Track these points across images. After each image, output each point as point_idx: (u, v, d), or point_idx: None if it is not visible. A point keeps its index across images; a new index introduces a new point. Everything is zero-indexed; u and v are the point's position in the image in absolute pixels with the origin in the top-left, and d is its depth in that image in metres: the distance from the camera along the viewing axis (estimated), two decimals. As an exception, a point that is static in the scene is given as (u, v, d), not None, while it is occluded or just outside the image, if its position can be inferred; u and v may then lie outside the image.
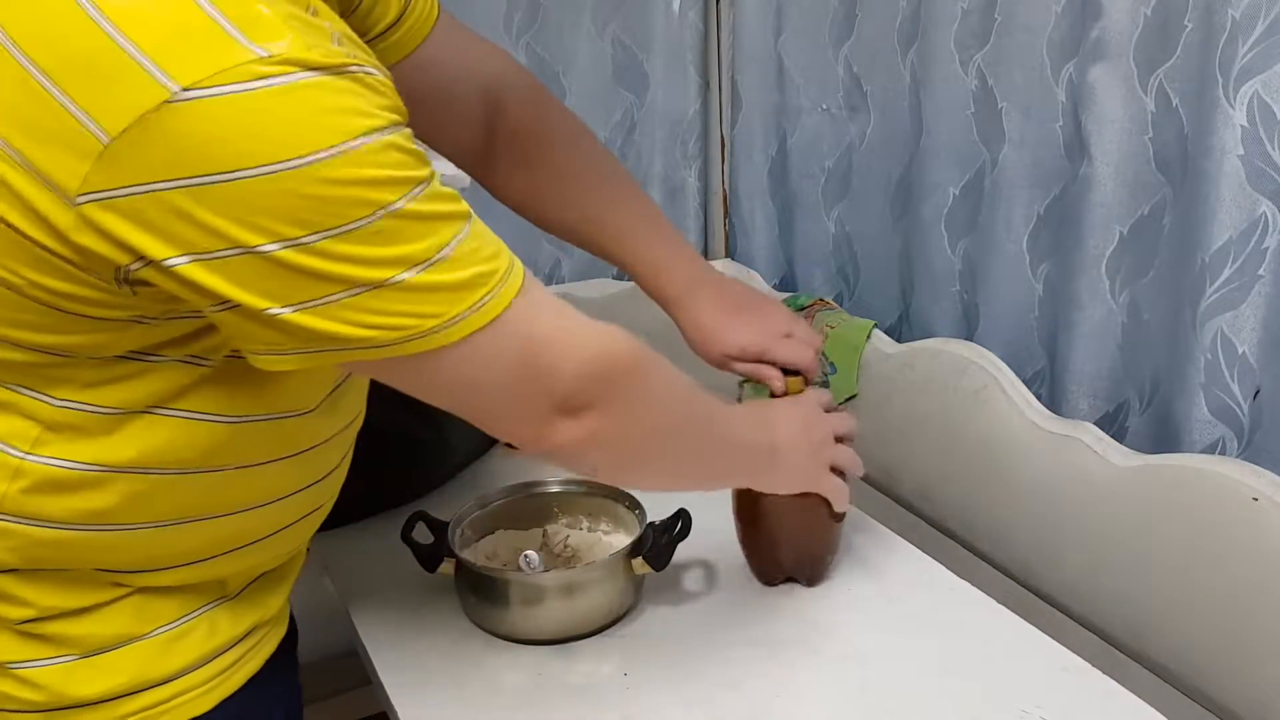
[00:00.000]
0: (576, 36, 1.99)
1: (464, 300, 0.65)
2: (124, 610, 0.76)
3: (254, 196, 0.58)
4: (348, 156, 0.59)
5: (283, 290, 0.61)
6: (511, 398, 0.72)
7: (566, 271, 2.14)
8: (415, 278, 0.63)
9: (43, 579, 0.73)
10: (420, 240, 0.63)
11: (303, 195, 0.58)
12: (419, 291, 0.63)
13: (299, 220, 0.59)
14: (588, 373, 0.74)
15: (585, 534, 1.17)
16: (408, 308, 0.63)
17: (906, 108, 1.71)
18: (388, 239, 0.61)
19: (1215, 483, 1.17)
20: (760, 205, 2.10)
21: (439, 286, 0.64)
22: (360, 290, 0.61)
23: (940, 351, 1.59)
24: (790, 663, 1.00)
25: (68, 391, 0.69)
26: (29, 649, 0.74)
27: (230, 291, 0.61)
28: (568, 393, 0.73)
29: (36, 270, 0.62)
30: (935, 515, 1.53)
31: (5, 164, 0.60)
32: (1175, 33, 1.26)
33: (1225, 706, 1.13)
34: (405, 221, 0.62)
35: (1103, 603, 1.27)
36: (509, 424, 0.76)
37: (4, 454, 0.69)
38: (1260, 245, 1.21)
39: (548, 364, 0.72)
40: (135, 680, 0.76)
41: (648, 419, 0.81)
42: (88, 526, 0.72)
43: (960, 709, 0.93)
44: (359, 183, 0.60)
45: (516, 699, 0.97)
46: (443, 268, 0.64)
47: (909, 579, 1.15)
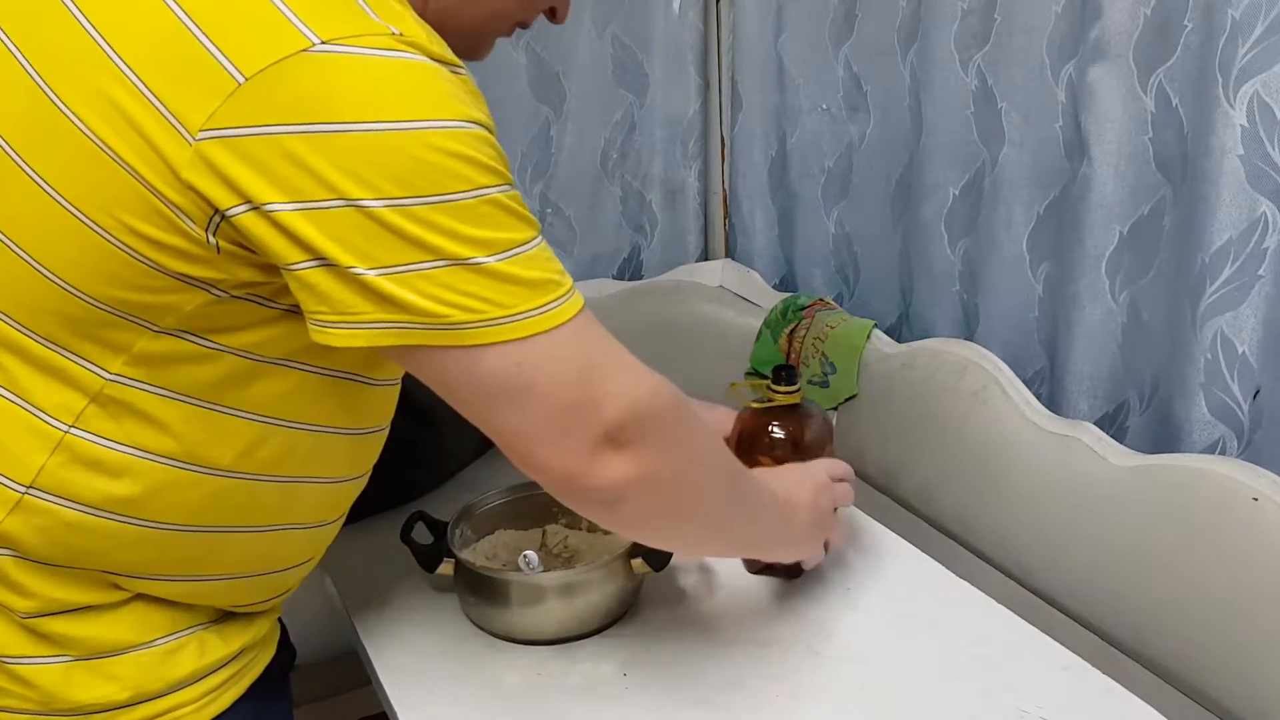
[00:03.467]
0: (576, 36, 1.99)
1: (534, 298, 0.67)
2: (124, 616, 0.76)
3: (368, 150, 0.62)
4: (456, 134, 0.64)
5: (373, 249, 0.63)
6: (559, 418, 0.69)
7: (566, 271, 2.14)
8: (494, 264, 0.65)
9: (54, 574, 0.73)
10: (505, 230, 0.66)
11: (412, 157, 0.62)
12: (495, 279, 0.65)
13: (403, 181, 0.62)
14: (641, 409, 0.72)
15: (585, 534, 1.17)
16: (482, 291, 0.65)
17: (906, 108, 1.71)
18: (477, 219, 0.64)
19: (1215, 483, 1.17)
20: (760, 205, 2.10)
21: (513, 279, 0.66)
22: (443, 263, 0.64)
23: (940, 351, 1.59)
24: (790, 663, 1.00)
25: (120, 364, 0.70)
26: (30, 644, 0.74)
27: (324, 244, 0.63)
28: (618, 424, 0.70)
29: (134, 212, 0.64)
30: (935, 515, 1.53)
31: (134, 100, 0.63)
32: (1175, 33, 1.26)
33: (1225, 706, 1.13)
34: (495, 209, 0.66)
35: (1103, 603, 1.26)
36: (550, 452, 0.71)
37: (48, 424, 0.70)
38: (1260, 245, 1.21)
39: (603, 390, 0.70)
40: (130, 690, 0.76)
41: (689, 466, 0.79)
42: (113, 515, 0.72)
43: (960, 709, 0.93)
44: (463, 159, 0.64)
45: (516, 699, 0.97)
46: (519, 262, 0.66)
47: (909, 579, 1.15)
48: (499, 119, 2.16)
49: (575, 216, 2.11)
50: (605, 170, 2.11)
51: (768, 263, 2.12)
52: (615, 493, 0.72)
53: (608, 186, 2.13)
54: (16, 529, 0.72)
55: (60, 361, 0.70)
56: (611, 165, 2.11)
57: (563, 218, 2.11)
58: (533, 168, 2.04)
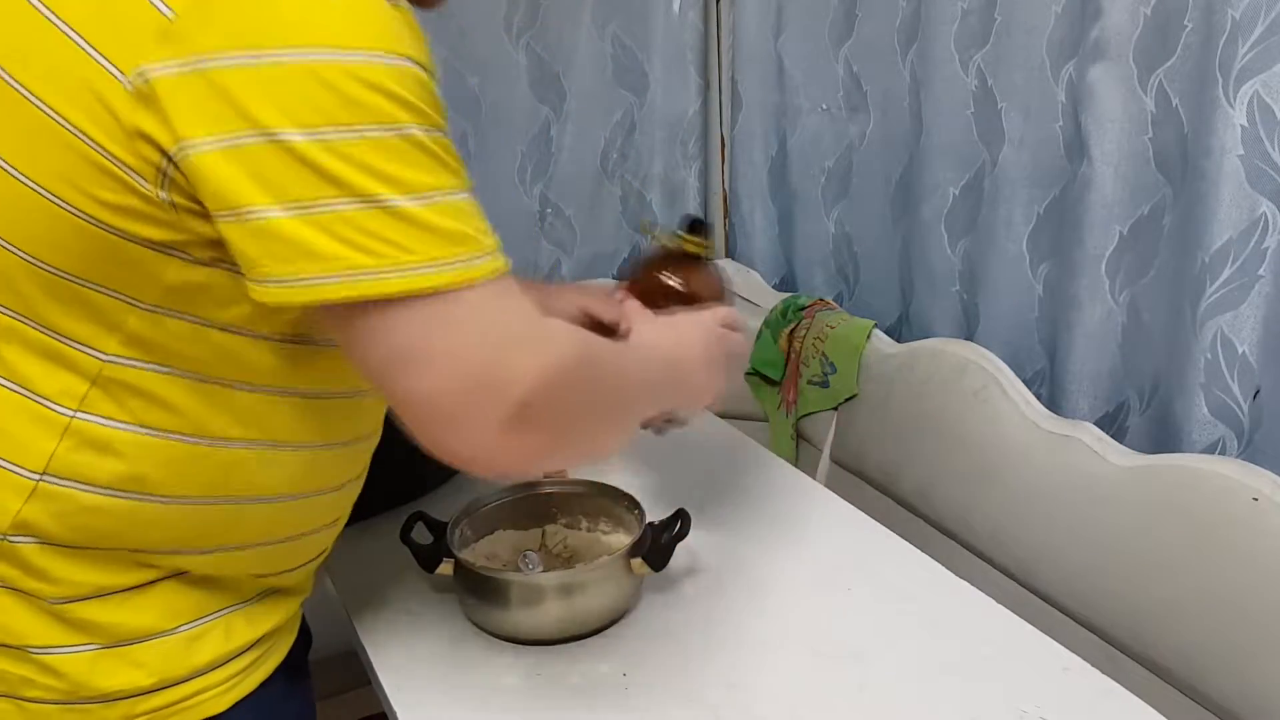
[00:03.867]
0: (576, 36, 1.99)
1: (450, 249, 0.64)
2: (151, 601, 0.76)
3: (292, 78, 0.60)
4: (385, 68, 0.62)
5: (288, 185, 0.61)
6: (467, 392, 0.65)
7: (566, 271, 2.14)
8: (410, 207, 0.63)
9: (80, 557, 0.74)
10: (424, 173, 0.64)
11: (335, 88, 0.61)
12: (410, 224, 0.63)
13: (324, 111, 0.61)
14: (552, 382, 0.68)
15: (585, 534, 1.17)
16: (396, 236, 0.63)
17: (906, 108, 1.71)
18: (396, 157, 0.63)
19: (1215, 483, 1.16)
20: (760, 205, 2.10)
21: (430, 226, 0.64)
22: (358, 203, 0.62)
23: (940, 351, 1.59)
24: (790, 663, 1.00)
25: (116, 345, 0.70)
26: (56, 633, 0.74)
27: (239, 184, 0.61)
28: (527, 401, 0.66)
29: (90, 180, 0.64)
30: (935, 515, 1.52)
31: (70, 52, 0.63)
32: (1175, 33, 1.26)
33: (1224, 706, 1.12)
34: (416, 149, 0.64)
35: (1103, 603, 1.26)
36: (455, 430, 0.66)
37: (53, 411, 0.71)
38: (1260, 245, 1.21)
39: (516, 364, 0.66)
40: (155, 677, 0.77)
41: (594, 416, 0.76)
42: (129, 494, 0.73)
43: (960, 709, 0.93)
44: (387, 94, 0.62)
45: (516, 699, 0.97)
46: (439, 210, 0.64)
47: (909, 579, 1.15)
48: (499, 119, 2.16)
49: (575, 216, 2.11)
50: (605, 170, 2.11)
51: (768, 262, 2.12)
52: (523, 466, 0.72)
53: (608, 186, 2.13)
54: (36, 516, 0.72)
55: (57, 347, 0.70)
56: (611, 165, 2.11)
57: (563, 218, 2.11)
58: (533, 168, 2.04)
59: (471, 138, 1.96)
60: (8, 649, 0.75)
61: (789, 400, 1.85)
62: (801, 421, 1.83)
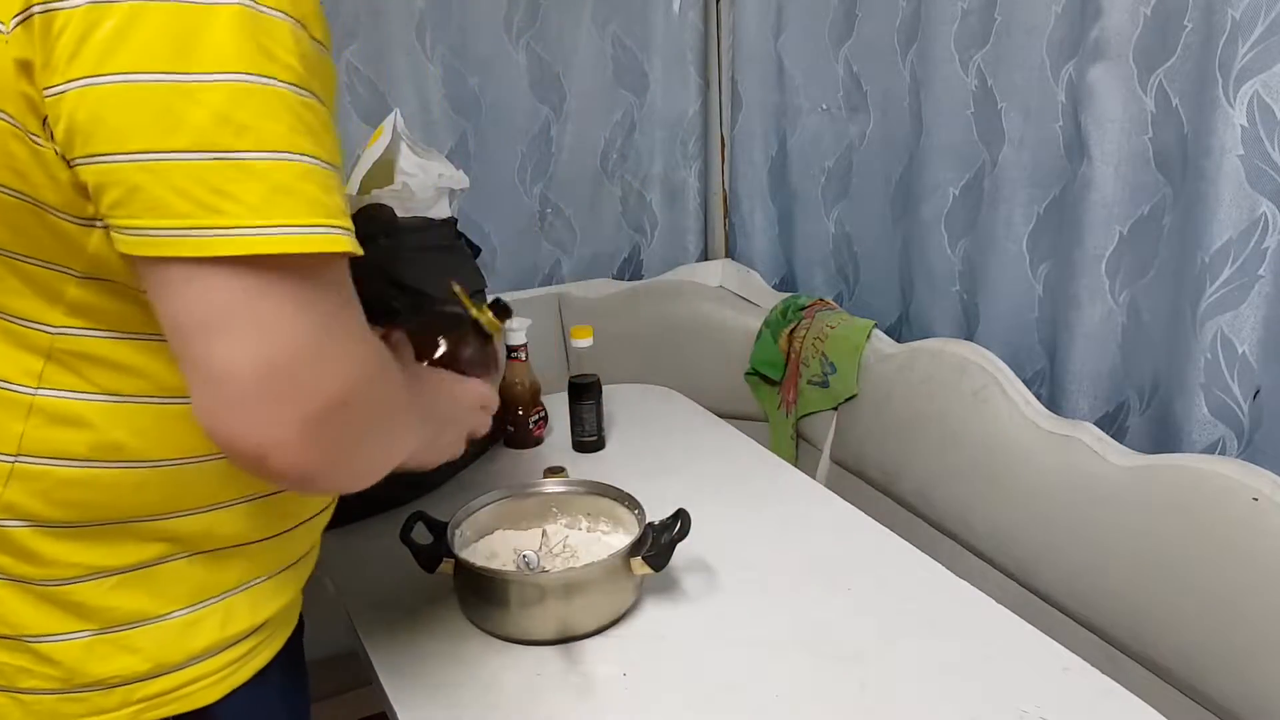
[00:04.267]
0: (576, 36, 1.99)
1: (294, 212, 0.60)
2: (146, 585, 0.76)
3: (156, 21, 0.58)
4: (256, 16, 0.59)
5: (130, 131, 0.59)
6: (273, 376, 0.61)
7: (566, 271, 2.14)
8: (260, 161, 0.59)
9: (71, 536, 0.73)
10: (285, 128, 0.60)
11: (196, 34, 0.58)
12: (258, 180, 0.59)
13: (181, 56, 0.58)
14: (357, 392, 0.65)
15: (585, 534, 1.17)
16: (239, 192, 0.59)
17: (906, 108, 1.71)
18: (255, 108, 0.59)
19: (1215, 483, 1.16)
20: (760, 205, 2.10)
21: (281, 186, 0.60)
22: (205, 154, 0.59)
23: (940, 351, 1.59)
24: (790, 663, 1.00)
25: (61, 316, 0.69)
26: (51, 620, 0.74)
27: (89, 128, 0.59)
28: (330, 406, 0.63)
29: (3, 149, 0.63)
30: (935, 515, 1.52)
31: None
32: (1175, 33, 1.26)
33: (1225, 706, 1.12)
34: (278, 103, 0.60)
35: (1103, 603, 1.26)
36: (248, 409, 0.61)
37: (14, 392, 0.70)
38: (1260, 245, 1.21)
39: (331, 360, 0.63)
40: (151, 662, 0.76)
41: (377, 443, 0.72)
42: (110, 463, 0.72)
43: (960, 709, 0.93)
44: (256, 45, 0.59)
45: (516, 699, 0.97)
46: (294, 171, 0.60)
47: (909, 579, 1.15)
48: (499, 119, 2.16)
49: (575, 216, 2.11)
50: (605, 170, 2.11)
51: (768, 262, 2.12)
52: (305, 476, 0.65)
53: (608, 186, 2.13)
54: (19, 498, 0.72)
55: (5, 326, 0.70)
56: (611, 165, 2.12)
57: (563, 218, 2.11)
58: (533, 168, 2.04)
59: (471, 138, 1.96)
60: (3, 639, 0.75)
61: (789, 400, 1.85)
62: (801, 421, 1.83)
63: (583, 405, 1.49)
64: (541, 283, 2.13)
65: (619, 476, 1.20)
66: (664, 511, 1.09)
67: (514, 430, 1.53)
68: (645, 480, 1.22)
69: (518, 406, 1.52)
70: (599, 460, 1.49)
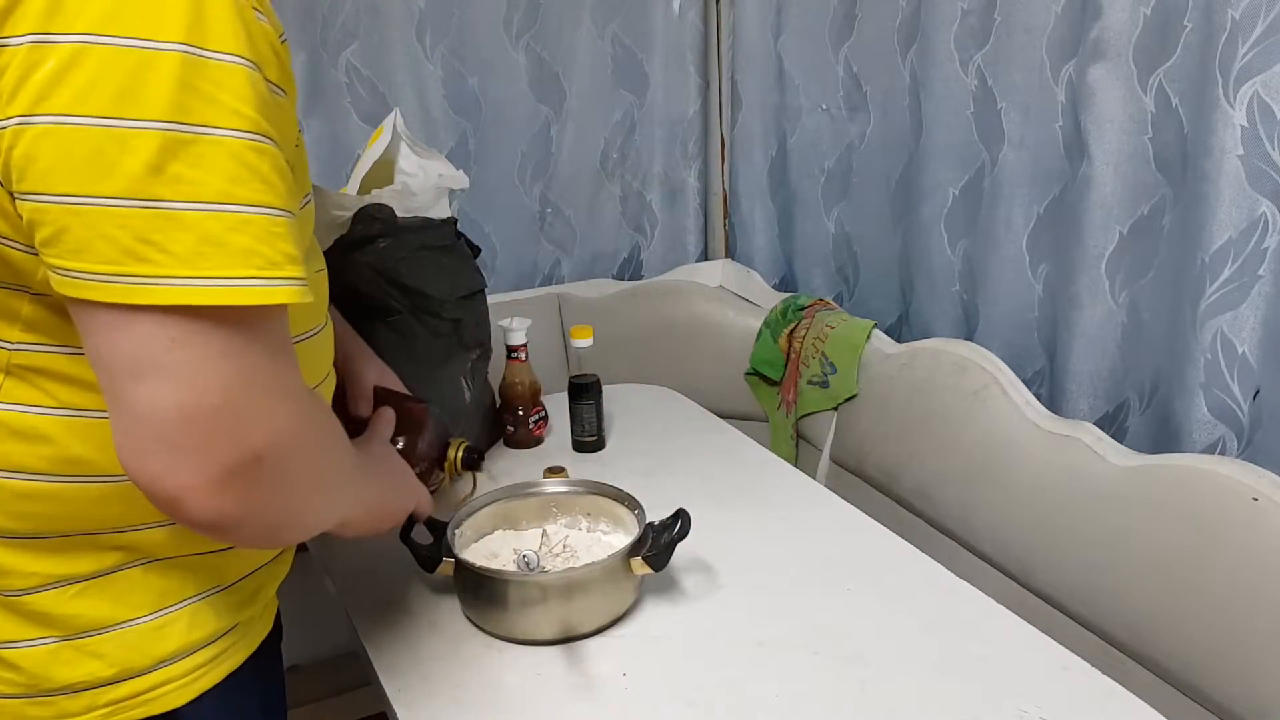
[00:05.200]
0: (576, 36, 1.99)
1: (229, 266, 0.59)
2: (110, 591, 0.76)
3: (96, 63, 0.58)
4: (205, 63, 0.59)
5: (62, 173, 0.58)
6: (192, 423, 0.61)
7: (566, 271, 2.14)
8: (191, 212, 0.59)
9: (33, 547, 0.73)
10: (222, 179, 0.60)
11: (138, 76, 0.58)
12: (187, 231, 0.59)
13: (120, 101, 0.58)
14: (281, 445, 0.64)
15: (585, 534, 1.17)
16: (166, 242, 0.58)
17: (906, 108, 1.71)
18: (192, 157, 0.59)
19: (1215, 483, 1.16)
20: (760, 205, 2.10)
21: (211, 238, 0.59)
22: (134, 202, 0.58)
23: (940, 351, 1.59)
24: (790, 663, 1.00)
25: (18, 332, 0.69)
26: (14, 628, 0.74)
27: (26, 165, 0.59)
28: (253, 457, 0.63)
29: None
30: (935, 515, 1.52)
31: None
32: (1175, 33, 1.26)
33: (1225, 706, 1.12)
34: (220, 153, 0.60)
35: (1103, 603, 1.26)
36: (166, 462, 0.61)
37: None
38: (1260, 245, 1.21)
39: (254, 410, 0.62)
40: (116, 668, 0.76)
41: (306, 500, 0.72)
42: (70, 478, 0.72)
43: (960, 709, 0.93)
44: (198, 92, 0.59)
45: (516, 699, 0.97)
46: (228, 222, 0.60)
47: (909, 579, 1.15)
48: (499, 119, 2.16)
49: (575, 216, 2.11)
50: (605, 170, 2.11)
51: (768, 262, 2.12)
52: (225, 525, 0.65)
53: (608, 186, 2.13)
54: None
55: None
56: (611, 165, 2.12)
57: (563, 218, 2.11)
58: (533, 168, 2.04)
59: (471, 138, 1.96)
60: None
61: (789, 400, 1.85)
62: (801, 421, 1.83)
63: (583, 405, 1.49)
64: (541, 283, 2.13)
65: (619, 476, 1.20)
66: (664, 511, 1.09)
67: (514, 430, 1.53)
68: (645, 480, 1.22)
69: (518, 406, 1.52)
70: (599, 460, 1.49)
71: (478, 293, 1.44)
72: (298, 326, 0.81)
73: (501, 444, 1.54)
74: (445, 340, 1.38)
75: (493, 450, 1.50)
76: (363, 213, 1.31)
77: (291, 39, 1.76)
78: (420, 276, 1.34)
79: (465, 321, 1.40)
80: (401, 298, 1.33)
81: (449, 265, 1.39)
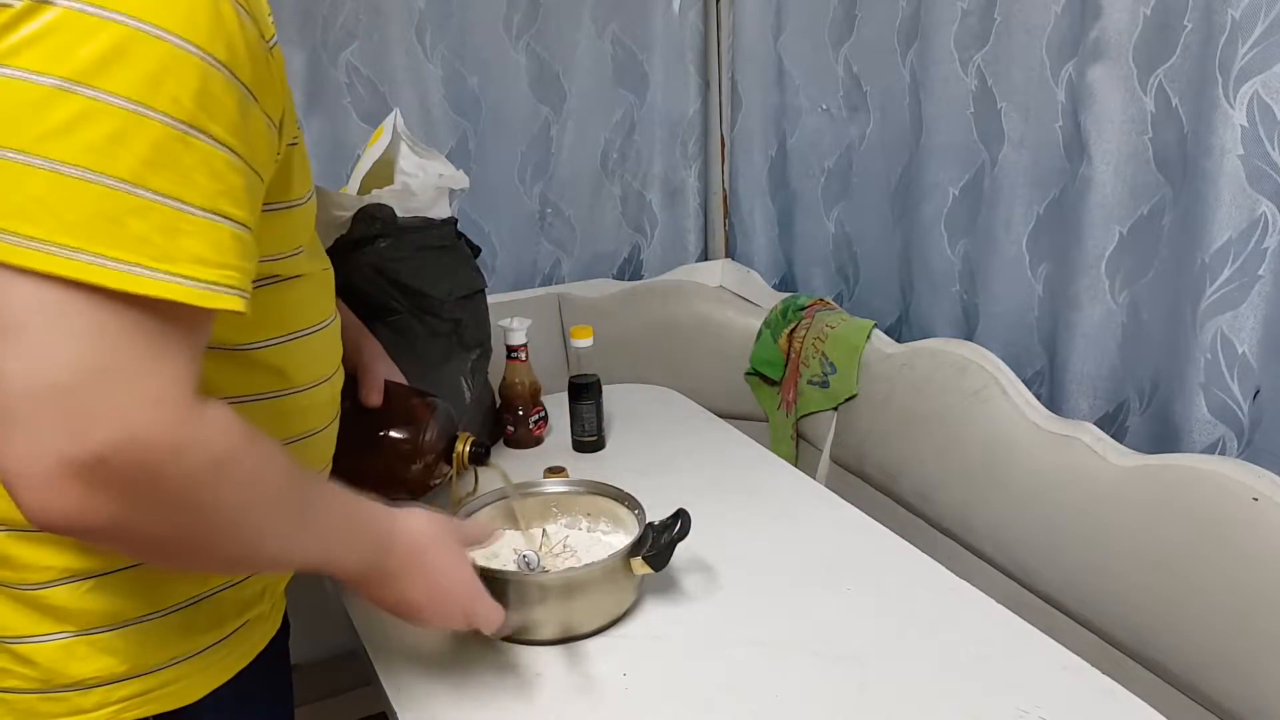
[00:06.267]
0: (576, 36, 1.99)
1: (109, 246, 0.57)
2: (123, 587, 0.76)
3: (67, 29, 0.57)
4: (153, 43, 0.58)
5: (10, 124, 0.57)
6: (45, 393, 0.56)
7: (566, 271, 2.14)
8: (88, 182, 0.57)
9: (47, 541, 0.73)
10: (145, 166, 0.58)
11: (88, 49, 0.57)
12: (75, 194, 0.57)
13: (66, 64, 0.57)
14: (148, 449, 0.59)
15: (585, 534, 1.17)
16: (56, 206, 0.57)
17: (906, 108, 1.71)
18: (119, 138, 0.57)
19: (1215, 483, 1.16)
20: (760, 205, 2.10)
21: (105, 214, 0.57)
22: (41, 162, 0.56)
23: (940, 351, 1.59)
24: (790, 663, 1.00)
25: None
26: (30, 622, 0.74)
27: None
28: (97, 455, 0.57)
29: None
30: (935, 515, 1.52)
31: None
32: (1175, 33, 1.26)
33: (1225, 706, 1.12)
34: (150, 143, 0.58)
35: (1103, 603, 1.26)
36: (8, 426, 0.57)
37: None
38: (1260, 245, 1.21)
39: (108, 401, 0.57)
40: (129, 663, 0.77)
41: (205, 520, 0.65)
42: None
43: (959, 708, 0.93)
44: (146, 76, 0.58)
45: (516, 699, 0.97)
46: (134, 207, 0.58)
47: (909, 579, 1.15)
48: (499, 119, 2.15)
49: (575, 216, 2.11)
50: (605, 170, 2.11)
51: (768, 262, 2.12)
52: (72, 525, 0.60)
53: (608, 186, 2.13)
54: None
55: None
56: (611, 165, 2.12)
57: (563, 218, 2.11)
58: (533, 168, 2.04)
59: (471, 138, 1.96)
60: None
61: (789, 400, 1.85)
62: (801, 421, 1.83)
63: (583, 405, 1.49)
64: (541, 283, 2.13)
65: (619, 476, 1.20)
66: (664, 511, 1.09)
67: (514, 430, 1.53)
68: (645, 480, 1.22)
69: (518, 406, 1.52)
70: (599, 460, 1.49)
71: (478, 293, 1.44)
72: (298, 323, 0.81)
73: (502, 444, 1.54)
74: (445, 340, 1.38)
75: (493, 450, 1.50)
76: (363, 213, 1.31)
77: (291, 39, 1.77)
78: (420, 276, 1.34)
79: (465, 321, 1.40)
80: (401, 298, 1.33)
81: (449, 265, 1.39)
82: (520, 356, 1.52)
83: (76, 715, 0.76)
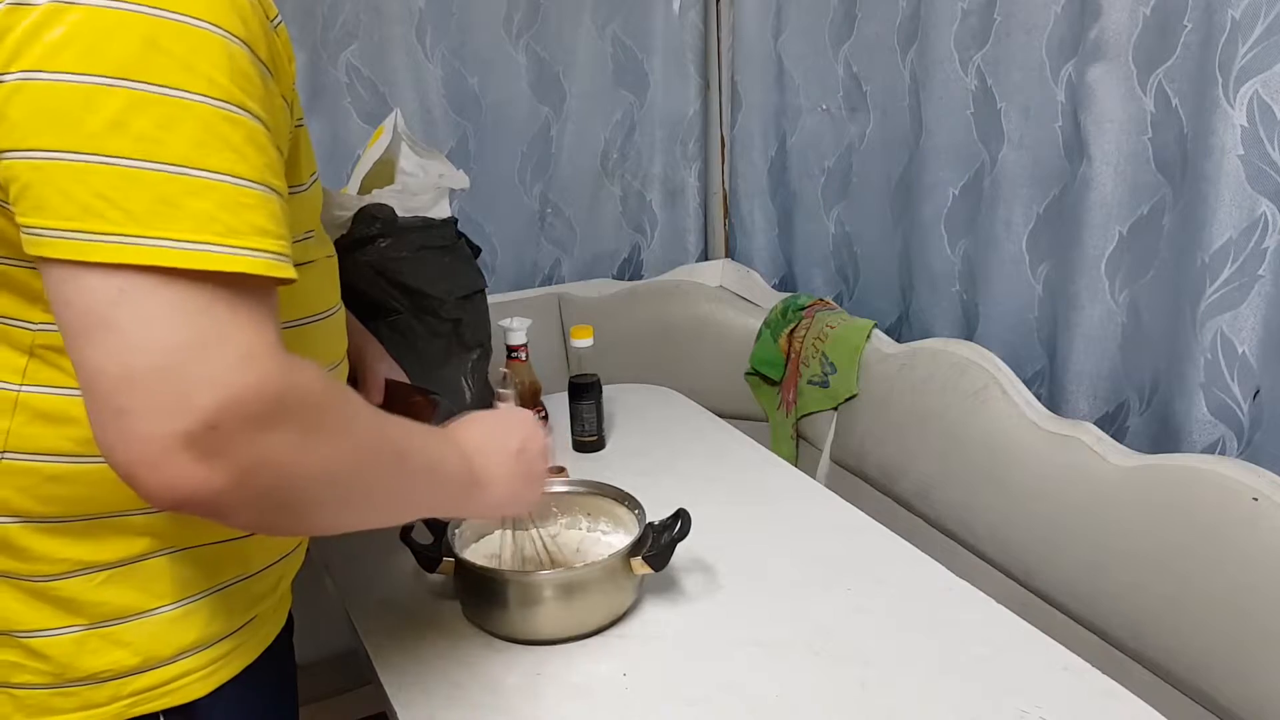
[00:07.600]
0: (576, 36, 2.00)
1: (182, 229, 0.58)
2: (135, 579, 0.76)
3: (77, 26, 0.58)
4: (181, 28, 0.59)
5: (29, 129, 0.58)
6: (146, 374, 0.57)
7: (566, 271, 2.14)
8: (145, 171, 0.58)
9: (59, 531, 0.73)
10: (182, 138, 0.59)
11: (116, 40, 0.58)
12: (145, 190, 0.58)
13: (92, 60, 0.58)
14: (251, 403, 0.59)
15: (585, 534, 1.17)
16: (124, 200, 0.58)
17: (906, 108, 1.71)
18: (161, 120, 0.58)
19: (1215, 483, 1.16)
20: (760, 205, 2.10)
21: (168, 199, 0.58)
22: (96, 158, 0.58)
23: (940, 351, 1.59)
24: (790, 663, 1.00)
25: (40, 313, 0.69)
26: (41, 615, 0.75)
27: None
28: (206, 422, 0.58)
29: None
30: (935, 515, 1.52)
31: None
32: (1175, 33, 1.26)
33: (1225, 706, 1.12)
34: (190, 119, 0.59)
35: (1103, 603, 1.26)
36: (122, 418, 0.58)
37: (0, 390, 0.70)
38: (1260, 245, 1.21)
39: (211, 362, 0.58)
40: (140, 656, 0.77)
41: (307, 469, 0.65)
42: (96, 458, 0.71)
43: (960, 708, 0.93)
44: (173, 56, 0.59)
45: (516, 699, 0.97)
46: (189, 185, 0.59)
47: (909, 579, 1.15)
48: (499, 119, 2.16)
49: (575, 216, 2.11)
50: (605, 170, 2.11)
51: (768, 262, 2.12)
52: (194, 502, 0.60)
53: (608, 186, 2.13)
54: (6, 494, 0.72)
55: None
56: (611, 165, 2.12)
57: (563, 218, 2.11)
58: (533, 168, 2.04)
59: (471, 138, 1.96)
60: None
61: (789, 400, 1.85)
62: (801, 421, 1.83)
63: (583, 405, 1.49)
64: (541, 283, 2.13)
65: (619, 476, 1.20)
66: (664, 511, 1.09)
67: (514, 430, 1.53)
68: (645, 480, 1.22)
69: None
70: (599, 460, 1.49)
71: (478, 293, 1.44)
72: (309, 308, 0.82)
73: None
74: (445, 340, 1.38)
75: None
76: (363, 213, 1.31)
77: (292, 39, 1.76)
78: (420, 276, 1.34)
79: (465, 321, 1.40)
80: (401, 298, 1.33)
81: (449, 265, 1.39)
82: (520, 356, 1.52)
83: (88, 710, 0.76)
